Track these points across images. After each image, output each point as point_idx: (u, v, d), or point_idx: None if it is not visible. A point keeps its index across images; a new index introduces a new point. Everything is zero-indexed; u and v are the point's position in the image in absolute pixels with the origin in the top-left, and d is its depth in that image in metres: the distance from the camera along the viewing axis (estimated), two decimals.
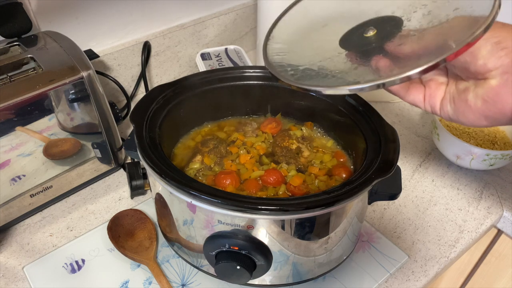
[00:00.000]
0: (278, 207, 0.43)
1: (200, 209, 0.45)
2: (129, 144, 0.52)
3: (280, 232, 0.46)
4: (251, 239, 0.46)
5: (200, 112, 0.63)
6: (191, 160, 0.58)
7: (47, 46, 0.62)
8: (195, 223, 0.48)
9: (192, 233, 0.50)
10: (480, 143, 0.73)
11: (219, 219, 0.45)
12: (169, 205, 0.50)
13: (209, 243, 0.48)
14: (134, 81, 0.88)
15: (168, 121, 0.56)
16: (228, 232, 0.46)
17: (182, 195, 0.45)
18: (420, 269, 0.60)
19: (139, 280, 0.57)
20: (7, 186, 0.59)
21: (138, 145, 0.49)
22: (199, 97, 0.60)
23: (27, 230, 0.64)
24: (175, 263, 0.58)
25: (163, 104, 0.56)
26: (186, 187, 0.43)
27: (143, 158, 0.47)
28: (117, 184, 0.71)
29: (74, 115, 0.62)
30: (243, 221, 0.45)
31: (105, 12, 0.79)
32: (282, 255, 0.49)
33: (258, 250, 0.46)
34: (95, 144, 0.66)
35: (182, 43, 0.92)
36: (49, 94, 0.57)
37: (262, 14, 0.81)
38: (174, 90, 0.58)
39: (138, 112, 0.53)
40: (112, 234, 0.60)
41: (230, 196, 0.43)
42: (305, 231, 0.47)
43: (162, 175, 0.45)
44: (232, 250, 0.47)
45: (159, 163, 0.46)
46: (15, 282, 0.57)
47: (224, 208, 0.43)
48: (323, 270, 0.55)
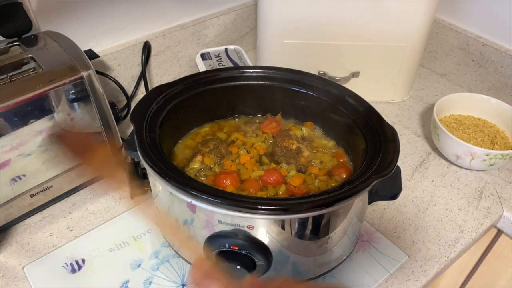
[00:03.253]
0: (278, 207, 0.43)
1: (200, 209, 0.45)
2: (129, 144, 0.52)
3: (280, 232, 0.46)
4: (251, 239, 0.46)
5: (200, 112, 0.63)
6: (191, 160, 0.58)
7: (47, 46, 0.62)
8: (195, 223, 0.48)
9: (192, 233, 0.50)
10: (480, 143, 0.73)
11: (219, 219, 0.45)
12: (169, 205, 0.50)
13: (209, 243, 0.48)
14: (134, 81, 0.88)
15: (168, 121, 0.56)
16: (228, 232, 0.46)
17: (182, 195, 0.45)
18: (420, 269, 0.60)
19: (139, 280, 0.57)
20: (7, 186, 0.59)
21: (138, 145, 0.49)
22: (199, 97, 0.60)
23: (27, 230, 0.63)
24: (175, 263, 0.58)
25: (163, 104, 0.56)
26: (186, 187, 0.44)
27: (143, 158, 0.47)
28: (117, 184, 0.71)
29: (74, 115, 0.62)
30: (243, 221, 0.45)
31: (105, 12, 0.79)
32: (282, 255, 0.49)
33: (258, 250, 0.46)
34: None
35: (182, 43, 0.92)
36: (49, 94, 0.57)
37: (262, 14, 0.81)
38: (174, 90, 0.58)
39: (138, 112, 0.53)
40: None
41: (230, 196, 0.43)
42: (305, 231, 0.47)
43: (162, 175, 0.45)
44: (232, 250, 0.47)
45: (159, 163, 0.46)
46: (15, 282, 0.57)
47: (224, 208, 0.43)
48: (323, 270, 0.55)
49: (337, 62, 0.84)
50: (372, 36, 0.79)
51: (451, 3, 0.92)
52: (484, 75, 0.90)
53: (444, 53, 0.96)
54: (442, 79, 0.98)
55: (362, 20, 0.77)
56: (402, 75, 0.86)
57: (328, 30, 0.79)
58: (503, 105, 0.77)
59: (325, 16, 0.77)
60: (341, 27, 0.78)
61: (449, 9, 0.92)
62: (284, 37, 0.81)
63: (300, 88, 0.61)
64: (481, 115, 0.80)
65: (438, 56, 0.97)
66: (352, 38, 0.80)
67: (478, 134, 0.75)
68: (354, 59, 0.83)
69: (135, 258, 0.59)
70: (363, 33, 0.79)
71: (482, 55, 0.89)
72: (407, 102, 0.91)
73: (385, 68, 0.84)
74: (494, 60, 0.87)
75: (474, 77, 0.92)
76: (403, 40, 0.79)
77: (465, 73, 0.94)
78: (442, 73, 0.98)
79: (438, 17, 0.94)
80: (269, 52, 0.85)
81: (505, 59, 0.85)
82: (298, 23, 0.79)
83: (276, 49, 0.83)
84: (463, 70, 0.94)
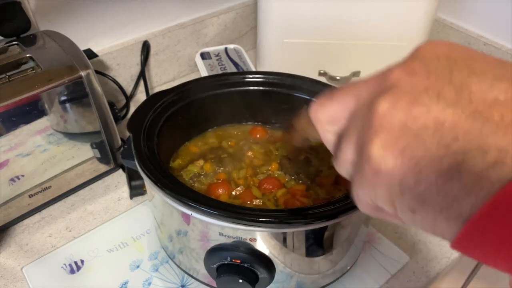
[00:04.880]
0: (280, 219, 0.41)
1: (200, 221, 0.44)
2: (126, 153, 0.50)
3: (283, 244, 0.44)
4: (253, 252, 0.45)
5: (199, 119, 0.61)
6: (192, 162, 0.57)
7: (46, 45, 0.62)
8: (195, 235, 0.46)
9: (192, 246, 0.48)
10: None
11: (220, 231, 0.44)
12: (168, 217, 0.49)
13: (210, 256, 0.47)
14: (133, 80, 0.88)
15: (166, 129, 0.54)
16: (229, 245, 0.45)
17: (181, 207, 0.43)
18: (421, 270, 0.59)
19: (138, 281, 0.56)
20: (6, 186, 0.59)
21: (136, 156, 0.47)
22: (199, 103, 0.58)
23: (26, 230, 0.63)
24: (174, 264, 0.58)
25: (160, 112, 0.54)
26: (186, 198, 0.42)
27: (141, 168, 0.46)
28: (116, 184, 0.70)
29: (73, 115, 0.61)
30: (245, 233, 0.43)
31: (104, 11, 0.79)
32: (285, 268, 0.47)
33: (260, 262, 0.45)
34: (94, 144, 0.66)
35: (182, 42, 0.91)
36: (48, 93, 0.57)
37: (262, 13, 0.81)
38: (173, 97, 0.56)
39: (135, 120, 0.52)
40: None
41: (231, 208, 0.42)
42: (309, 243, 0.45)
43: (160, 186, 0.43)
44: (233, 263, 0.46)
45: (157, 174, 0.45)
46: (14, 282, 0.57)
47: (224, 221, 0.41)
48: (328, 281, 0.53)
49: (338, 62, 0.83)
50: (373, 35, 0.79)
51: (452, 3, 0.91)
52: None
53: None
54: None
55: (363, 19, 0.77)
56: None
57: (329, 29, 0.79)
58: None
59: (326, 15, 0.77)
60: (342, 26, 0.78)
61: (450, 8, 0.92)
62: (285, 36, 0.81)
63: (302, 94, 0.59)
64: None
65: None
66: (353, 38, 0.79)
67: None
68: (355, 59, 0.83)
69: (134, 259, 0.59)
70: (364, 32, 0.79)
71: None
72: None
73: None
74: None
75: None
76: (404, 39, 0.79)
77: None
78: None
79: (439, 17, 0.94)
80: (269, 51, 0.85)
81: (506, 58, 0.84)
82: (299, 22, 0.78)
83: (276, 49, 0.83)
84: None
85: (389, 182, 0.22)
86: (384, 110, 0.22)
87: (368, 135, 0.23)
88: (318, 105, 0.29)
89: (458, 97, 0.20)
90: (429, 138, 0.20)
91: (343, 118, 0.27)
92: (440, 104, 0.21)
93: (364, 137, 0.23)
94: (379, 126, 0.22)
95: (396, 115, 0.22)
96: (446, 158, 0.20)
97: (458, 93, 0.21)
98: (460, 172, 0.19)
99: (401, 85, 0.22)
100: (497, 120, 0.19)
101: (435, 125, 0.20)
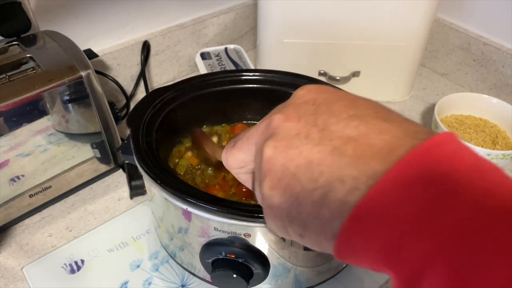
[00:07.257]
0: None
1: (195, 216, 0.44)
2: (126, 147, 0.51)
3: (278, 240, 0.45)
4: (248, 247, 0.45)
5: (198, 116, 0.62)
6: (182, 156, 0.58)
7: (46, 45, 0.62)
8: (191, 230, 0.47)
9: (189, 241, 0.49)
10: (481, 143, 0.73)
11: (215, 226, 0.44)
12: (165, 210, 0.49)
13: (205, 250, 0.47)
14: (133, 80, 0.88)
15: (165, 125, 0.55)
16: (224, 240, 0.45)
17: (177, 202, 0.44)
18: None
19: (138, 281, 0.56)
20: (6, 186, 0.59)
21: (134, 150, 0.47)
22: (197, 101, 0.59)
23: (26, 230, 0.63)
24: (174, 264, 0.58)
25: (160, 109, 0.55)
26: (182, 193, 0.42)
27: (139, 164, 0.46)
28: (116, 184, 0.70)
29: (73, 115, 0.61)
30: (240, 228, 0.43)
31: (104, 11, 0.79)
32: (280, 263, 0.47)
33: (255, 258, 0.45)
34: (94, 144, 0.66)
35: (182, 42, 0.91)
36: (48, 93, 0.57)
37: (262, 13, 0.81)
38: (171, 94, 0.57)
39: (134, 116, 0.52)
40: None
41: (228, 203, 0.42)
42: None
43: (157, 181, 0.44)
44: (228, 258, 0.46)
45: (155, 169, 0.45)
46: (14, 282, 0.57)
47: (219, 216, 0.42)
48: (324, 278, 0.53)
49: (337, 62, 0.83)
50: (372, 35, 0.79)
51: (452, 3, 0.91)
52: (485, 75, 0.90)
53: (445, 53, 0.95)
54: (443, 79, 0.97)
55: (362, 19, 0.77)
56: (403, 74, 0.85)
57: (329, 30, 0.79)
58: (505, 105, 0.77)
59: (326, 15, 0.77)
60: (341, 26, 0.78)
61: (450, 8, 0.92)
62: (285, 37, 0.81)
63: None
64: (482, 115, 0.79)
65: (439, 56, 0.97)
66: (353, 38, 0.79)
67: (479, 134, 0.75)
68: (354, 59, 0.83)
69: (135, 259, 0.59)
70: (364, 32, 0.79)
71: (483, 54, 0.88)
72: (408, 102, 0.90)
73: (385, 67, 0.84)
74: (495, 60, 0.87)
75: (475, 77, 0.92)
76: (404, 39, 0.79)
77: (466, 73, 0.93)
78: (443, 72, 0.98)
79: (439, 17, 0.94)
80: (269, 51, 0.85)
81: (506, 58, 0.85)
82: (299, 23, 0.78)
83: (276, 49, 0.83)
84: (464, 69, 0.93)
85: (280, 214, 0.27)
86: (268, 156, 0.27)
87: (261, 177, 0.28)
88: (228, 154, 0.34)
89: (322, 137, 0.25)
90: (303, 175, 0.25)
91: (250, 161, 0.32)
92: (308, 145, 0.25)
93: (259, 178, 0.28)
94: (267, 169, 0.27)
95: (277, 159, 0.26)
96: (316, 191, 0.24)
97: (321, 133, 0.25)
98: (327, 200, 0.23)
99: (279, 131, 0.27)
100: (350, 154, 0.23)
101: (305, 163, 0.25)
